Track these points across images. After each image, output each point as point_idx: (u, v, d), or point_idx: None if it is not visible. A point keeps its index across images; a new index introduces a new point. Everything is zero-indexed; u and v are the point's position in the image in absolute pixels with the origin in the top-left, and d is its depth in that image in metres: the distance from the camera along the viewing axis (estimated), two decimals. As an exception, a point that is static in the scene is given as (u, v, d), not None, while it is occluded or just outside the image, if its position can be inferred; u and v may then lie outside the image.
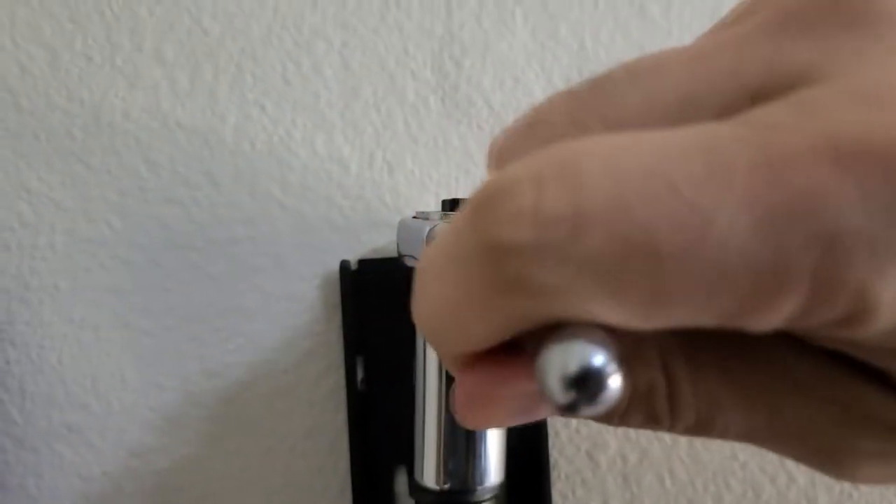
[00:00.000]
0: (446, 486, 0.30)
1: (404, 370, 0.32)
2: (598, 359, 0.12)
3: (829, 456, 0.14)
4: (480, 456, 0.30)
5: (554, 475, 0.36)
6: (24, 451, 0.36)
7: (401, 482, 0.35)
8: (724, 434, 0.15)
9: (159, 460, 0.36)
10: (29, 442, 0.36)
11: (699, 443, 0.36)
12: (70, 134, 0.36)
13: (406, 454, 0.32)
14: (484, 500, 0.31)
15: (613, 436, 0.36)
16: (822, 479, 0.36)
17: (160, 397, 0.36)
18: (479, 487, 0.31)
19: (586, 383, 0.12)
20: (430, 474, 0.31)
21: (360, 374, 0.35)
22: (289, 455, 0.36)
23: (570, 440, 0.36)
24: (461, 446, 0.30)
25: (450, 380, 0.30)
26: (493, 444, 0.31)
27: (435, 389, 0.30)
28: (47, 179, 0.36)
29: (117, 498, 0.37)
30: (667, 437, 0.36)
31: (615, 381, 0.12)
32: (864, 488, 0.36)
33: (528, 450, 0.34)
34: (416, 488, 0.32)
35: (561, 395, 0.12)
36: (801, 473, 0.36)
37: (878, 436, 0.14)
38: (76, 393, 0.36)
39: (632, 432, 0.36)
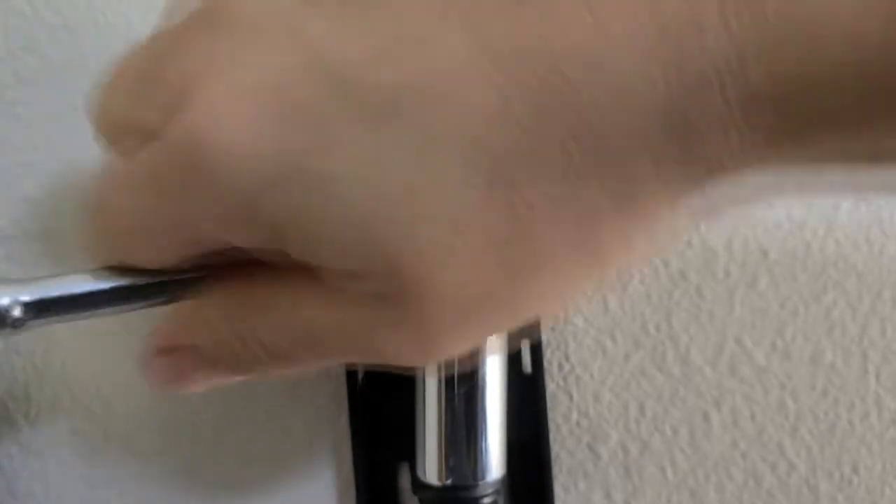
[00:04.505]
0: (448, 482, 0.31)
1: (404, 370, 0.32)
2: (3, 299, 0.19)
3: None
4: (481, 451, 0.31)
5: (555, 469, 0.36)
6: (31, 457, 0.37)
7: (404, 480, 0.36)
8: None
9: (164, 463, 0.37)
10: (35, 448, 0.37)
11: (700, 433, 0.36)
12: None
13: (408, 452, 0.32)
14: (486, 495, 0.31)
15: (614, 428, 0.36)
16: (822, 467, 0.36)
17: (162, 400, 0.36)
18: (480, 482, 0.31)
19: None
20: (432, 471, 0.31)
21: (360, 375, 0.35)
22: (292, 457, 0.37)
23: (570, 433, 0.36)
24: (462, 442, 0.30)
25: (449, 379, 0.30)
26: (494, 440, 0.31)
27: (434, 387, 0.30)
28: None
29: (124, 502, 0.37)
30: (668, 428, 0.36)
31: (13, 314, 0.19)
32: (864, 474, 0.37)
33: (529, 444, 0.35)
34: (418, 485, 0.32)
35: None
36: (801, 461, 0.36)
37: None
38: (81, 398, 0.36)
39: (632, 424, 0.36)
